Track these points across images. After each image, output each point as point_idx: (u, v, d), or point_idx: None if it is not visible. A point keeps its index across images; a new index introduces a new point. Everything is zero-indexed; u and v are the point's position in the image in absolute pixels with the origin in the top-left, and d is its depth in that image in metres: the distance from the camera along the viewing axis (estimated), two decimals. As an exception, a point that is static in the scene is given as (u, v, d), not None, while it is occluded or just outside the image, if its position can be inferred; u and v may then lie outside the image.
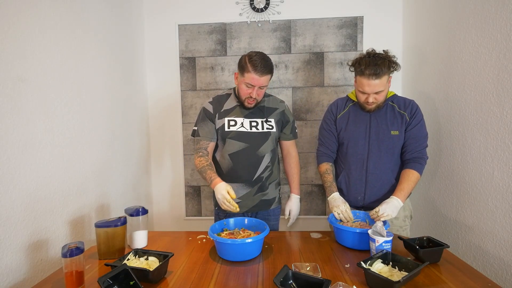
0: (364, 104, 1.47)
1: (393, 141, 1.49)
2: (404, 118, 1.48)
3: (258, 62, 1.41)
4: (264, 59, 1.44)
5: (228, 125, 1.54)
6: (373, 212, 1.37)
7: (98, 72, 1.69)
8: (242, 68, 1.46)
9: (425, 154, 1.49)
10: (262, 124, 1.56)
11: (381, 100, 1.44)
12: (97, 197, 1.64)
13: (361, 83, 1.41)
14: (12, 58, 1.12)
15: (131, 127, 2.08)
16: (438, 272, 1.09)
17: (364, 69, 1.37)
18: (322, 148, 1.64)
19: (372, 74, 1.35)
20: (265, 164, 1.57)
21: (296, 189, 1.67)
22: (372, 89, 1.39)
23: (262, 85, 1.46)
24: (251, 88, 1.46)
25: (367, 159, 1.51)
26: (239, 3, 2.26)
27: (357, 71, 1.43)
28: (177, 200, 2.44)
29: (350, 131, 1.54)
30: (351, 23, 2.23)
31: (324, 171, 1.58)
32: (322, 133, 1.65)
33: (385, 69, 1.36)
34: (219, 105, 1.58)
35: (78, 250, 1.01)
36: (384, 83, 1.39)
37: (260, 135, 1.55)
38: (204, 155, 1.56)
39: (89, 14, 1.61)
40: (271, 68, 1.47)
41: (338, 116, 1.59)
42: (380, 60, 1.36)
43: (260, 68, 1.41)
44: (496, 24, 1.33)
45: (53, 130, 1.32)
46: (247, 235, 1.30)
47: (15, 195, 1.13)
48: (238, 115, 1.56)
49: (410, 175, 1.45)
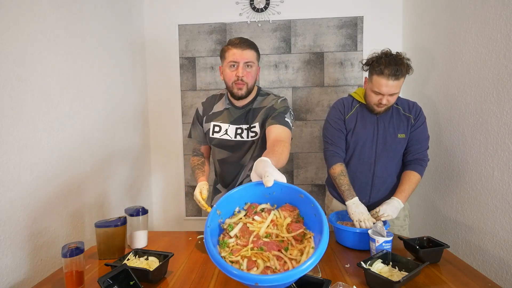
0: (375, 106, 1.41)
1: (400, 144, 1.47)
2: (410, 120, 1.47)
3: (237, 39, 1.33)
4: (243, 38, 1.35)
5: (213, 131, 1.44)
6: (374, 212, 1.37)
7: (98, 72, 1.69)
8: (222, 52, 1.36)
9: (426, 156, 1.49)
10: (246, 133, 1.40)
11: (392, 102, 1.40)
12: (97, 197, 1.64)
13: (378, 83, 1.34)
14: (12, 58, 1.12)
15: (131, 127, 2.08)
16: (438, 272, 1.09)
17: (384, 68, 1.31)
18: (332, 147, 1.51)
19: (392, 75, 1.31)
20: (248, 172, 1.46)
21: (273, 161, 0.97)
22: (389, 90, 1.33)
23: (246, 60, 1.31)
24: (235, 68, 1.32)
25: (374, 163, 1.48)
26: (239, 3, 2.26)
27: (375, 70, 1.35)
28: (177, 200, 2.44)
29: (358, 134, 1.48)
30: (351, 23, 2.23)
31: (339, 173, 1.46)
32: (330, 132, 1.52)
33: (404, 70, 1.32)
34: (209, 106, 1.50)
35: (78, 250, 1.01)
36: (400, 85, 1.35)
37: (244, 144, 1.41)
38: (198, 154, 1.56)
39: (89, 14, 1.61)
40: (253, 43, 1.35)
41: (346, 117, 1.51)
42: (400, 61, 1.32)
43: (239, 42, 1.31)
44: (496, 24, 1.33)
45: (53, 130, 1.32)
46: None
47: (15, 195, 1.13)
48: (224, 120, 1.43)
49: (412, 176, 1.44)
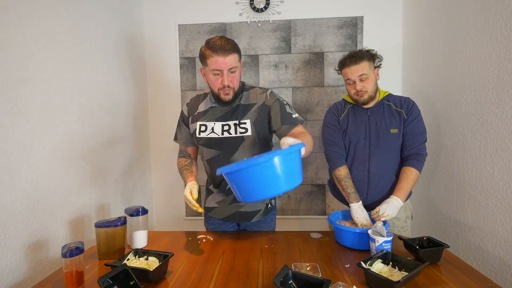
0: (356, 96, 1.50)
1: (393, 139, 1.49)
2: (402, 115, 1.49)
3: (216, 42, 1.23)
4: (222, 38, 1.25)
5: (199, 130, 1.40)
6: (374, 212, 1.37)
7: (98, 71, 1.69)
8: (203, 58, 1.28)
9: (423, 150, 1.48)
10: (234, 128, 1.36)
11: (370, 88, 1.47)
12: (97, 197, 1.64)
13: (345, 73, 1.51)
14: (12, 58, 1.12)
15: (131, 127, 2.08)
16: (438, 272, 1.09)
17: (344, 60, 1.50)
18: (335, 148, 1.55)
19: (352, 62, 1.46)
20: None
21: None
22: (355, 74, 1.46)
23: (230, 66, 1.25)
24: (219, 75, 1.27)
25: (368, 159, 1.51)
26: (239, 3, 2.26)
27: (340, 67, 1.55)
28: (177, 200, 2.44)
29: (351, 132, 1.54)
30: (351, 23, 2.23)
31: (345, 175, 1.50)
32: (330, 133, 1.58)
33: (364, 55, 1.46)
34: (194, 107, 1.47)
35: (78, 250, 1.01)
36: (365, 67, 1.45)
37: (233, 140, 1.36)
38: (185, 156, 1.53)
39: (89, 14, 1.61)
40: (233, 46, 1.26)
41: (340, 118, 1.58)
42: (358, 51, 1.49)
43: (221, 48, 1.22)
44: (496, 24, 1.33)
45: (53, 130, 1.32)
46: None
47: (15, 195, 1.13)
48: (209, 118, 1.40)
49: (409, 173, 1.44)
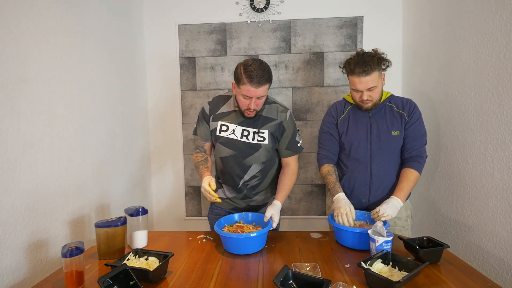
0: (360, 103, 1.47)
1: (395, 141, 1.48)
2: (403, 117, 1.48)
3: (253, 72, 1.32)
4: (260, 67, 1.34)
5: (220, 129, 1.51)
6: (374, 212, 1.37)
7: (98, 72, 1.68)
8: (237, 80, 1.38)
9: (424, 152, 1.49)
10: (253, 135, 1.48)
11: (376, 97, 1.45)
12: (97, 197, 1.64)
13: (353, 82, 1.44)
14: (12, 58, 1.12)
15: (131, 127, 2.08)
16: (438, 272, 1.09)
17: (354, 67, 1.40)
18: (323, 151, 1.61)
19: (362, 72, 1.38)
20: (252, 174, 1.53)
21: (280, 197, 1.46)
22: (364, 86, 1.40)
23: (259, 95, 1.37)
24: (248, 99, 1.38)
25: (370, 161, 1.50)
26: (239, 3, 2.26)
27: (347, 71, 1.45)
28: (177, 200, 2.44)
29: (352, 134, 1.53)
30: (351, 23, 2.23)
31: (326, 173, 1.54)
32: (322, 136, 1.62)
33: (374, 65, 1.38)
34: (216, 106, 1.55)
35: (78, 250, 1.01)
36: (375, 79, 1.40)
37: (249, 146, 1.49)
38: (202, 151, 1.58)
39: (89, 14, 1.61)
40: (268, 77, 1.37)
41: (339, 120, 1.57)
42: (368, 57, 1.39)
43: (256, 79, 1.32)
44: (496, 24, 1.32)
45: (53, 130, 1.32)
46: (249, 230, 1.35)
47: (15, 195, 1.13)
48: (232, 121, 1.50)
49: (409, 174, 1.44)
